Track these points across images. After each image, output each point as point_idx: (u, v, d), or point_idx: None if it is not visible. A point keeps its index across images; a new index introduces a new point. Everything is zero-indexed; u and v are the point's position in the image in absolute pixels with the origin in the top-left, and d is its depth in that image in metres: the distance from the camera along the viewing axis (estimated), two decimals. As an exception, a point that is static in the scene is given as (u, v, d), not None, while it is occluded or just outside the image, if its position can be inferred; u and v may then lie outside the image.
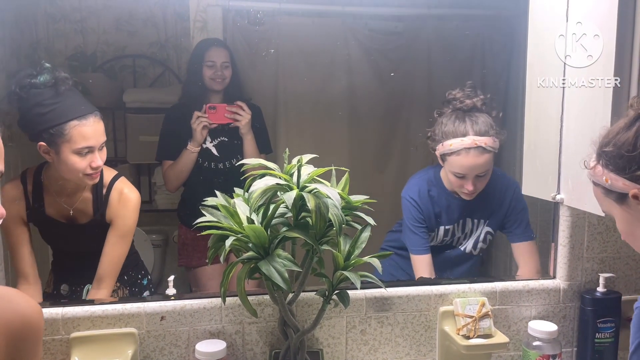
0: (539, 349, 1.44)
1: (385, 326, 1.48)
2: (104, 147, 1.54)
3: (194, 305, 1.39)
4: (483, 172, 1.66)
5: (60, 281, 1.73)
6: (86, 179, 1.51)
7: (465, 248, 1.82)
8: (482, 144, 1.63)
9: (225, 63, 2.08)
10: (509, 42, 2.41)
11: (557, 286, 1.55)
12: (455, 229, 1.79)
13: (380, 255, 1.27)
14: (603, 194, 1.03)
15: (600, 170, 1.01)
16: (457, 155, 1.64)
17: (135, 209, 1.59)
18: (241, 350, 1.42)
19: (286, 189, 1.16)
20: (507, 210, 1.78)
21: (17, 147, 1.99)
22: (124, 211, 1.58)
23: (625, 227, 1.02)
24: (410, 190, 1.77)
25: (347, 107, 2.47)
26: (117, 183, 1.59)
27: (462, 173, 1.65)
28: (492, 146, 1.64)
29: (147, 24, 2.41)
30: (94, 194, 1.57)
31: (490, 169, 1.68)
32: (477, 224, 1.80)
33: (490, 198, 1.77)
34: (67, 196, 1.58)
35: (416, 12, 2.49)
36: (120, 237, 1.58)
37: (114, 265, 1.58)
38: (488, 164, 1.65)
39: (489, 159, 1.65)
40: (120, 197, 1.58)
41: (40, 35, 2.27)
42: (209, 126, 2.02)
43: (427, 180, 1.78)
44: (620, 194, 0.98)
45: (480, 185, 1.68)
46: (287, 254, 1.16)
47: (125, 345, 1.34)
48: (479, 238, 1.80)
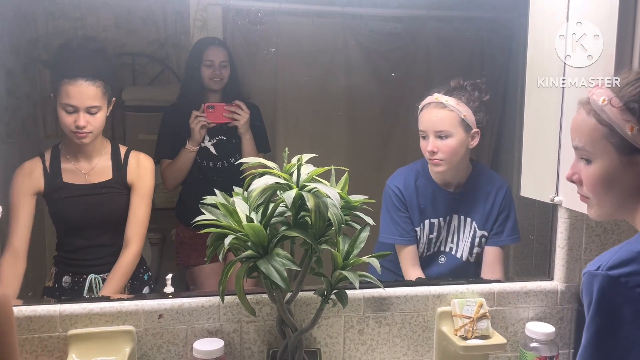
0: (536, 350, 1.45)
1: (383, 326, 1.48)
2: (99, 114, 1.61)
3: (192, 304, 1.39)
4: (441, 130, 1.64)
5: (63, 273, 1.73)
6: (74, 137, 1.61)
7: (462, 255, 1.76)
8: (443, 100, 1.65)
9: (223, 62, 2.08)
10: (508, 43, 2.42)
11: (555, 288, 1.55)
12: (441, 225, 1.76)
13: (379, 255, 1.27)
14: (604, 134, 0.97)
15: (628, 115, 0.95)
16: (422, 111, 1.69)
17: (152, 172, 1.75)
18: (239, 349, 1.42)
19: (286, 188, 1.16)
20: (498, 211, 1.75)
21: (16, 144, 1.98)
22: (143, 173, 1.73)
23: (606, 177, 0.98)
24: (396, 179, 1.77)
25: (346, 107, 2.48)
26: (133, 152, 1.75)
27: (423, 129, 1.67)
28: (455, 106, 1.64)
29: (147, 22, 2.41)
30: (112, 160, 1.71)
31: (452, 134, 1.64)
32: (463, 221, 1.76)
33: (478, 194, 1.75)
34: (85, 161, 1.69)
35: (416, 14, 2.50)
36: (142, 198, 1.71)
37: (140, 225, 1.70)
38: (447, 122, 1.64)
39: (449, 117, 1.64)
40: (139, 162, 1.74)
41: (39, 32, 2.27)
42: (208, 125, 2.02)
43: (415, 171, 1.77)
44: (626, 142, 0.95)
45: (443, 149, 1.64)
46: (286, 253, 1.16)
47: (122, 343, 1.34)
48: (474, 242, 1.76)
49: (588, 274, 0.92)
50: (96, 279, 1.69)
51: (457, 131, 1.64)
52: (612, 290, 0.89)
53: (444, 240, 1.78)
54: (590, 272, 0.92)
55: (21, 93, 2.19)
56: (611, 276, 0.89)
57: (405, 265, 1.74)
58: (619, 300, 0.89)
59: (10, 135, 1.94)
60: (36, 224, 1.68)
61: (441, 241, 1.78)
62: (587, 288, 0.93)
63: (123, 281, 1.67)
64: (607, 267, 0.90)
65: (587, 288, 0.93)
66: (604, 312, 0.90)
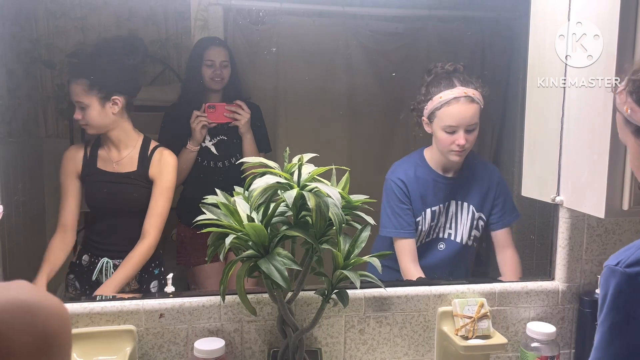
0: (537, 350, 1.45)
1: (384, 326, 1.48)
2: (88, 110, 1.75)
3: (193, 303, 1.39)
4: (472, 125, 1.68)
5: (84, 251, 1.85)
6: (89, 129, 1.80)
7: (462, 239, 1.80)
8: (470, 94, 1.68)
9: (224, 62, 2.08)
10: (509, 43, 2.41)
11: (556, 288, 1.55)
12: (440, 211, 1.79)
13: (380, 255, 1.27)
14: (623, 122, 0.99)
15: (624, 97, 0.97)
16: (448, 105, 1.67)
17: (174, 168, 1.83)
18: (240, 349, 1.42)
19: (287, 187, 1.16)
20: (495, 193, 1.81)
21: (17, 143, 1.99)
22: (165, 168, 1.81)
23: (637, 161, 0.99)
24: (396, 172, 1.79)
25: (348, 107, 2.47)
26: (159, 148, 1.85)
27: (454, 124, 1.67)
28: (479, 98, 1.69)
29: (148, 22, 2.41)
30: (140, 153, 1.82)
31: (477, 125, 1.70)
32: (460, 206, 1.80)
33: (474, 178, 1.80)
34: (116, 151, 1.83)
35: (417, 13, 2.49)
36: (161, 193, 1.79)
37: (157, 218, 1.78)
38: (476, 116, 1.69)
39: (477, 110, 1.69)
40: (162, 157, 1.82)
41: (40, 32, 2.27)
42: (208, 125, 2.02)
43: (413, 162, 1.80)
44: (638, 127, 0.95)
45: (470, 140, 1.70)
46: (287, 253, 1.16)
47: (123, 342, 1.34)
48: (473, 225, 1.80)
49: (607, 268, 0.93)
50: (108, 263, 1.79)
51: (479, 122, 1.70)
52: (629, 287, 0.89)
53: (443, 227, 1.81)
54: (610, 267, 0.92)
55: (22, 93, 2.19)
56: (629, 274, 0.89)
57: (404, 259, 1.75)
58: (635, 297, 0.89)
59: (11, 134, 1.94)
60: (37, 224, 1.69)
61: (440, 227, 1.81)
62: (605, 282, 0.93)
63: (132, 270, 1.75)
64: (626, 264, 0.90)
65: (604, 282, 0.93)
66: (620, 308, 0.90)
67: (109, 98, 1.76)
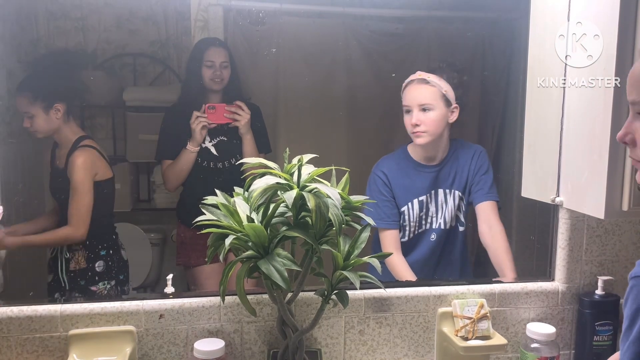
0: (537, 351, 1.44)
1: (383, 327, 1.48)
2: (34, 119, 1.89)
3: (193, 304, 1.39)
4: (425, 105, 1.75)
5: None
6: None
7: (447, 224, 1.83)
8: (425, 77, 1.77)
9: (224, 63, 2.08)
10: (509, 44, 2.41)
11: (556, 288, 1.55)
12: (428, 200, 1.83)
13: (380, 256, 1.27)
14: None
15: None
16: (405, 88, 1.79)
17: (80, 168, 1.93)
18: (239, 349, 1.42)
19: (286, 188, 1.16)
20: (469, 171, 1.84)
21: (17, 144, 1.99)
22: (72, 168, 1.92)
23: None
24: (379, 165, 1.86)
25: (347, 107, 2.47)
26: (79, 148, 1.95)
27: (407, 104, 1.77)
28: (436, 82, 1.76)
29: (148, 23, 2.41)
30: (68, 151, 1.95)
31: (434, 107, 1.75)
32: (449, 194, 1.84)
33: (458, 165, 1.84)
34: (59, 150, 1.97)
35: (417, 14, 2.49)
36: (74, 189, 1.92)
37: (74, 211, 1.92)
38: (429, 96, 1.75)
39: (433, 92, 1.76)
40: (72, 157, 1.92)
41: (40, 33, 2.27)
42: (208, 126, 2.02)
43: (397, 155, 1.88)
44: None
45: (426, 121, 1.75)
46: (286, 253, 1.16)
47: (123, 343, 1.34)
48: (454, 206, 1.83)
49: (636, 280, 0.86)
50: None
51: (438, 105, 1.76)
52: None
53: (434, 216, 1.84)
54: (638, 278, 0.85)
55: (22, 93, 2.20)
56: None
57: (386, 249, 1.79)
58: None
59: (11, 134, 1.94)
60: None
61: (431, 217, 1.84)
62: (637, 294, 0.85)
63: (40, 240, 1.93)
64: None
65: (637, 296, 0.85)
66: None
67: (52, 106, 1.90)
